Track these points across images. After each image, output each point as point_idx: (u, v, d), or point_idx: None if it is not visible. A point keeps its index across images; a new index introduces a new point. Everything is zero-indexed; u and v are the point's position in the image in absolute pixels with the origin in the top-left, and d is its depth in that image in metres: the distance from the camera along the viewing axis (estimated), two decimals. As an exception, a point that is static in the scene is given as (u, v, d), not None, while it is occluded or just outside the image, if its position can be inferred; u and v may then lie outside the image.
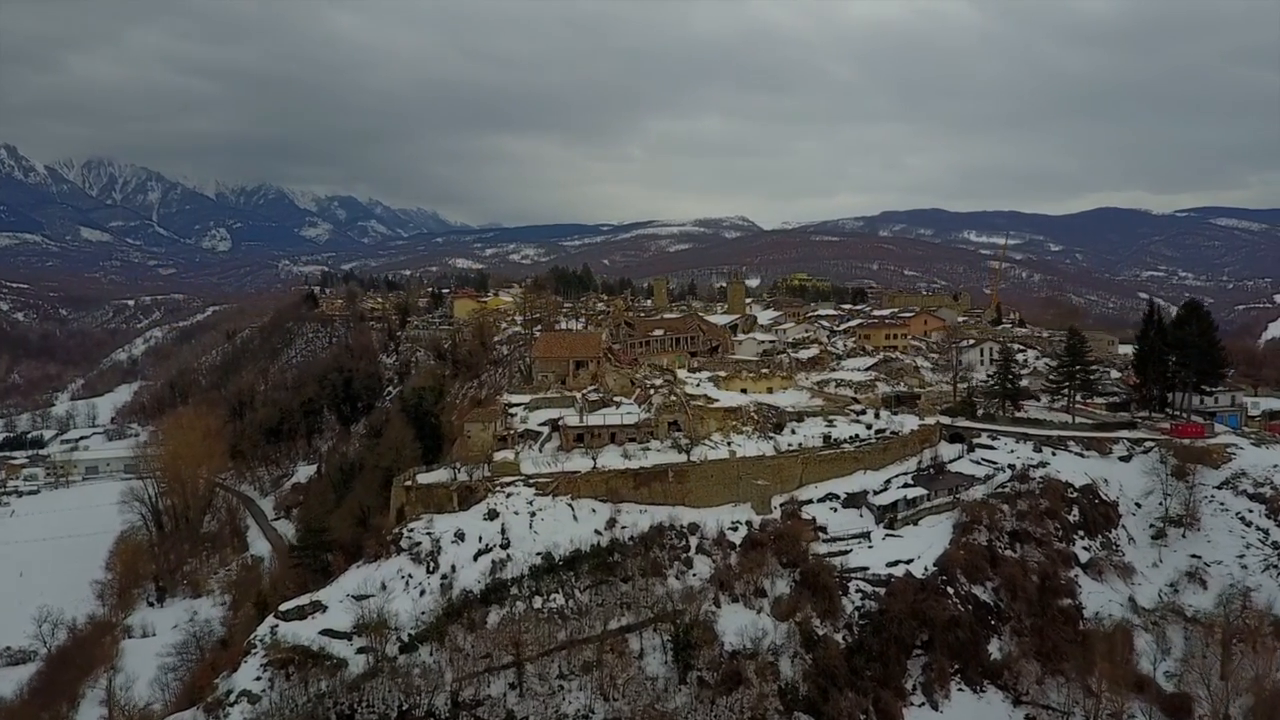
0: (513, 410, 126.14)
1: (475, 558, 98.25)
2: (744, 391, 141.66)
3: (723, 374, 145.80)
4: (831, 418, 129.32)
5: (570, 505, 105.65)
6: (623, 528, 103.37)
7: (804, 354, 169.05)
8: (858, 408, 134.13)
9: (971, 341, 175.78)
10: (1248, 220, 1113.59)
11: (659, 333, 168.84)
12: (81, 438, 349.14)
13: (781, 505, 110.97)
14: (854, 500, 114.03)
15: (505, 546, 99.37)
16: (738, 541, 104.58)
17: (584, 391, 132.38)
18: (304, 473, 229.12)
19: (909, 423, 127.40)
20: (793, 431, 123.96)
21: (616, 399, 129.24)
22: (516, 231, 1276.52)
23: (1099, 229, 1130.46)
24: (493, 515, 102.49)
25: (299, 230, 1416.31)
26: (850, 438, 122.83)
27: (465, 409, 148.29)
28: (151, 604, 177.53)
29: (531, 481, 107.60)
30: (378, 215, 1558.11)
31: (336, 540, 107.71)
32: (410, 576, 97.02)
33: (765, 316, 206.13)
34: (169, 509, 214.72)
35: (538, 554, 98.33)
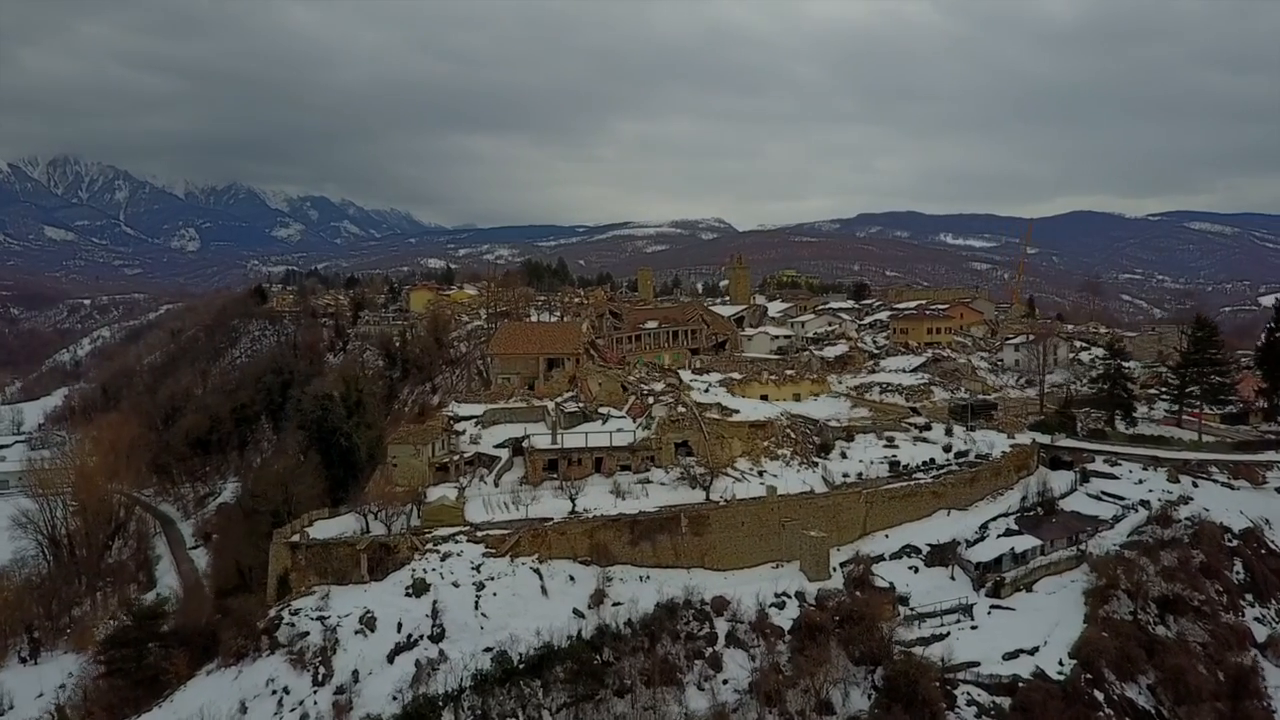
0: (460, 426, 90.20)
1: (390, 658, 62.45)
2: (765, 399, 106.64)
3: (736, 376, 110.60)
4: (889, 435, 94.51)
5: (537, 570, 69.92)
6: (615, 606, 67.92)
7: (830, 351, 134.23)
8: (918, 420, 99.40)
9: (1030, 337, 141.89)
10: (1220, 224, 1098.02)
11: (652, 325, 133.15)
12: (1, 446, 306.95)
13: (843, 566, 75.68)
14: (941, 554, 78.93)
15: (438, 639, 63.60)
16: (786, 625, 69.15)
17: (558, 400, 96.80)
18: (232, 491, 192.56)
19: (997, 442, 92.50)
20: (843, 455, 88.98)
21: (602, 410, 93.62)
22: (491, 232, 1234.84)
23: (1074, 232, 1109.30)
24: (420, 589, 66.64)
25: (270, 231, 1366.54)
26: (924, 464, 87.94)
27: (409, 420, 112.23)
28: (25, 660, 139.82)
29: (481, 534, 71.82)
30: (351, 216, 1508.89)
31: (179, 627, 71.55)
32: (286, 690, 60.96)
33: (774, 308, 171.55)
34: (68, 535, 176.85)
35: (487, 651, 62.68)
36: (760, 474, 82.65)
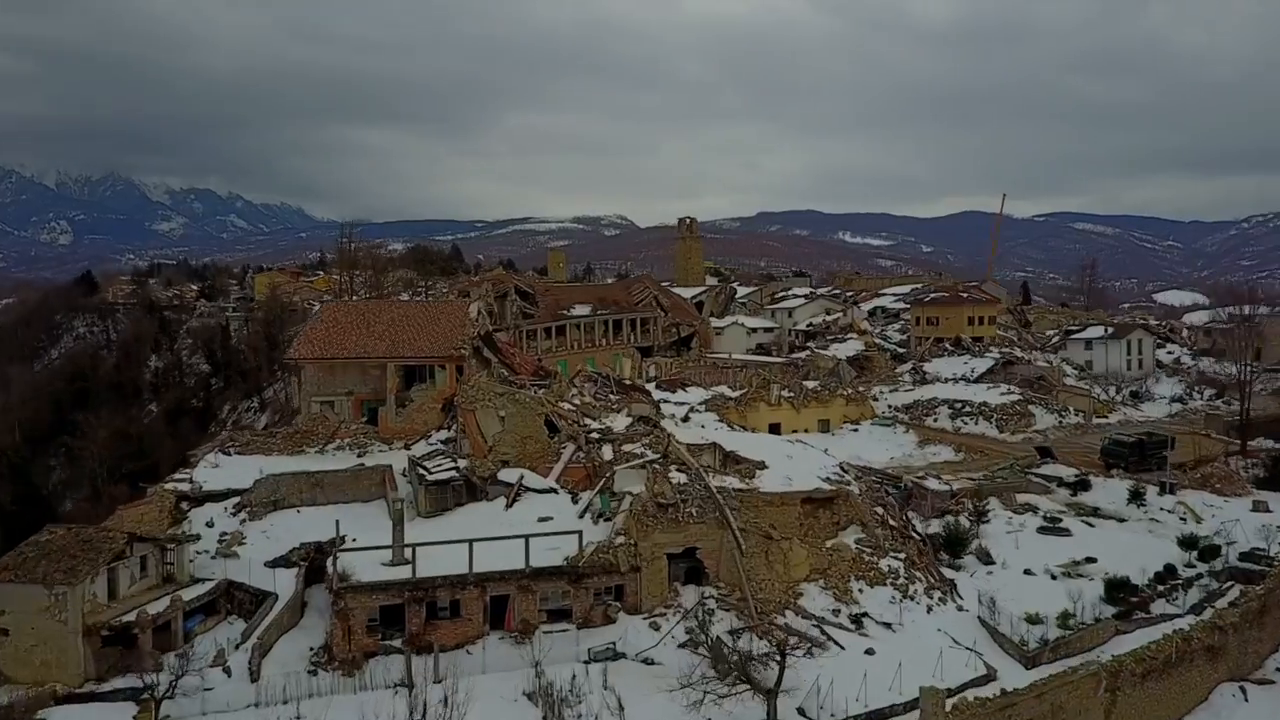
0: (202, 514, 41.14)
1: None
2: (776, 430, 61.03)
3: (730, 393, 64.38)
4: (1029, 502, 49.93)
5: None
6: None
7: (838, 351, 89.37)
8: (1063, 472, 55.10)
9: (1107, 330, 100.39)
10: (1102, 225, 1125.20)
11: (583, 310, 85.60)
12: None
13: None
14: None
15: None
16: None
17: (418, 453, 48.20)
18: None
19: (1246, 518, 48.26)
20: (988, 560, 43.63)
21: (506, 475, 45.14)
22: (385, 227, 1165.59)
23: (966, 231, 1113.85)
24: None
25: (151, 224, 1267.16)
26: (1156, 579, 42.87)
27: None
28: None
29: None
30: (238, 210, 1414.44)
31: None
32: None
33: (740, 293, 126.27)
34: None
35: None
36: (858, 623, 36.53)
